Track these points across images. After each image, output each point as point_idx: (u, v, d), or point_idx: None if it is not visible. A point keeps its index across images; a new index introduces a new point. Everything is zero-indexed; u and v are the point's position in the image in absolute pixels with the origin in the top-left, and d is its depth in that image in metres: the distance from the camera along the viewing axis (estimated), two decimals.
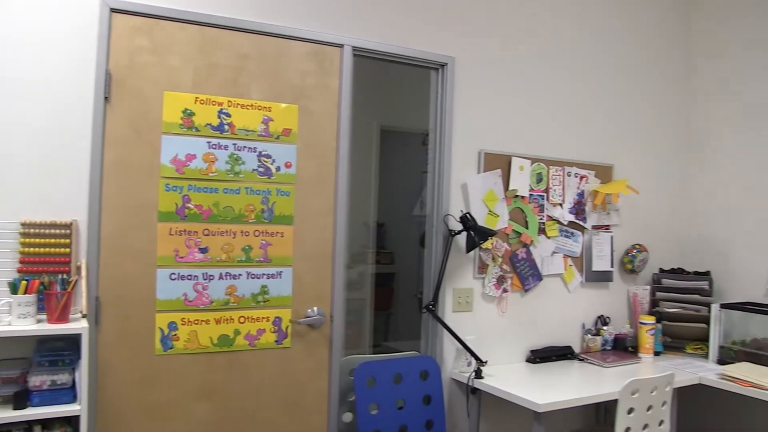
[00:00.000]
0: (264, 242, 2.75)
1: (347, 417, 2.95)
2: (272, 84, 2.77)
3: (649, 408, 2.85)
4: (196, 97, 2.62)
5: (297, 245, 2.81)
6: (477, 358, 3.11)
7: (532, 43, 3.51)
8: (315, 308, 2.85)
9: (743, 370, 3.26)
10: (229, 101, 2.68)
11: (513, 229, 3.39)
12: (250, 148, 2.73)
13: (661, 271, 3.97)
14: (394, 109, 4.45)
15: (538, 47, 3.53)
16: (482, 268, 3.29)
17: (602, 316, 3.72)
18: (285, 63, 2.80)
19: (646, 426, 2.85)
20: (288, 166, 2.80)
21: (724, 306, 3.60)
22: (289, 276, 2.80)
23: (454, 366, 3.20)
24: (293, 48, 2.82)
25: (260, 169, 2.75)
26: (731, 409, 3.74)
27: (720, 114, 4.00)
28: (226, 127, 2.68)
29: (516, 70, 3.44)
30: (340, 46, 2.92)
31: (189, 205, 2.60)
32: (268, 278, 2.76)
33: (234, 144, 2.69)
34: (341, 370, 2.92)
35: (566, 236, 3.58)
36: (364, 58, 3.00)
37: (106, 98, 2.44)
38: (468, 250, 3.11)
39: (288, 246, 2.79)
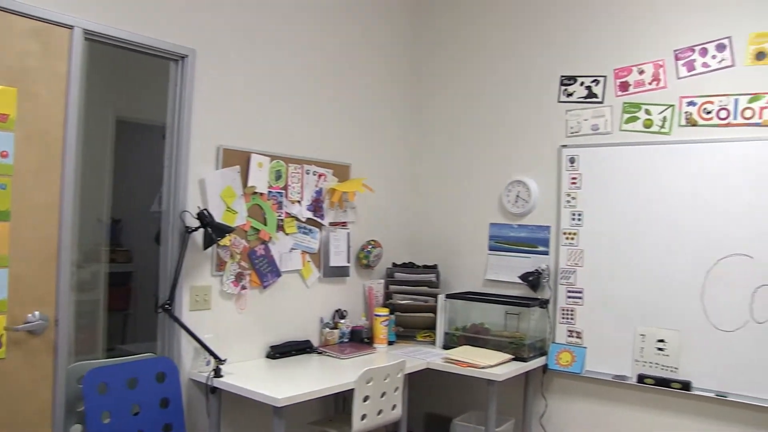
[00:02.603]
0: None
1: (76, 429, 3.00)
2: None
3: (383, 394, 3.39)
4: None
5: (15, 243, 2.80)
6: (216, 357, 3.38)
7: (275, 42, 3.90)
8: (36, 312, 2.87)
9: (463, 352, 4.03)
10: None
11: (251, 226, 3.73)
12: None
13: (394, 265, 4.68)
14: (133, 99, 4.54)
15: (281, 46, 3.94)
16: (220, 265, 3.59)
17: (340, 309, 4.28)
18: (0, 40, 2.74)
19: (380, 411, 3.39)
20: (4, 155, 2.78)
21: (449, 296, 4.39)
22: (4, 278, 2.77)
23: (192, 366, 3.44)
24: (12, 24, 2.75)
25: None
26: (455, 387, 4.57)
27: (441, 119, 4.90)
28: None
29: (258, 68, 3.80)
30: (70, 27, 2.94)
31: None
32: None
33: None
34: (69, 379, 2.96)
35: (304, 233, 4.08)
36: (97, 42, 3.07)
37: None
38: (205, 247, 3.40)
39: (3, 244, 2.77)
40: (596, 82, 4.12)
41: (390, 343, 4.28)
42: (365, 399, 3.28)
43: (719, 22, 3.72)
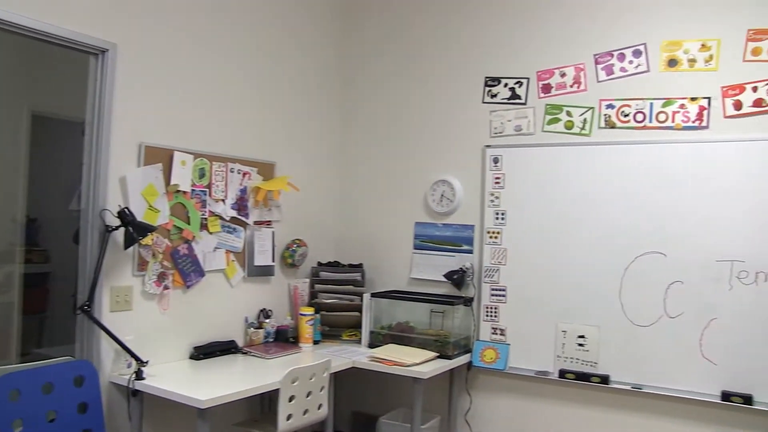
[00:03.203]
0: None
1: None
2: None
3: (308, 394, 3.45)
4: None
5: None
6: (137, 359, 3.37)
7: (201, 39, 3.91)
8: None
9: (388, 351, 4.14)
10: None
11: (174, 225, 3.73)
12: None
13: (319, 264, 4.76)
14: (51, 94, 4.44)
15: (206, 43, 3.95)
16: (142, 265, 3.58)
17: (264, 309, 4.32)
18: None
19: (306, 411, 3.44)
20: None
21: (374, 295, 4.49)
22: None
23: (113, 369, 3.41)
24: None
25: None
26: (381, 386, 4.68)
27: (368, 119, 5.00)
28: None
29: (182, 65, 3.79)
30: None
31: None
32: None
33: None
34: None
35: (228, 232, 4.11)
36: (8, 32, 2.99)
37: None
38: (126, 247, 3.38)
39: None
40: (519, 83, 4.30)
41: (315, 342, 4.34)
42: (291, 399, 3.33)
43: (636, 28, 3.95)
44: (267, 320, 4.23)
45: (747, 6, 3.67)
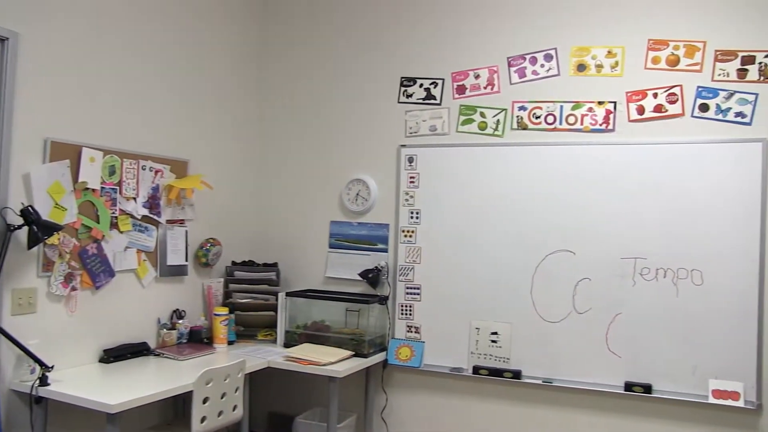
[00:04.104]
0: None
1: None
2: None
3: (223, 395, 3.39)
4: None
5: None
6: (41, 364, 3.19)
7: (110, 30, 3.75)
8: None
9: (304, 350, 4.11)
10: None
11: (83, 224, 3.57)
12: None
13: (234, 263, 4.68)
14: None
15: (117, 35, 3.79)
16: (47, 265, 3.41)
17: (178, 309, 4.21)
18: None
19: (221, 413, 3.38)
20: None
21: (289, 294, 4.45)
22: None
23: (14, 375, 3.23)
24: None
25: None
26: (297, 385, 4.64)
27: (284, 118, 4.94)
28: None
29: (92, 57, 3.63)
30: None
31: None
32: None
33: None
34: None
35: (140, 231, 3.98)
36: None
37: None
38: (30, 247, 3.21)
39: None
40: (435, 84, 4.34)
41: (230, 342, 4.27)
42: (205, 401, 3.26)
43: (547, 33, 4.07)
44: (180, 321, 4.12)
45: (648, 17, 3.86)
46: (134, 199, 3.89)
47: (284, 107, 4.87)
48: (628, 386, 3.78)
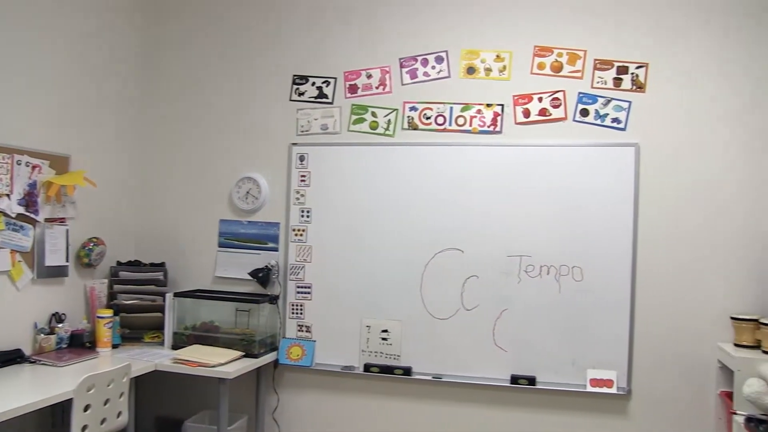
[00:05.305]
0: None
1: None
2: None
3: (106, 402, 3.25)
4: None
5: None
6: None
7: None
8: None
9: (192, 351, 3.99)
10: None
11: None
12: None
13: (119, 263, 4.47)
14: None
15: None
16: None
17: (57, 313, 3.98)
18: None
19: (104, 420, 3.24)
20: None
21: (177, 294, 4.31)
22: None
23: None
24: None
25: None
26: (186, 388, 4.50)
27: (173, 114, 4.76)
28: None
29: None
30: None
31: None
32: None
33: None
34: None
35: (14, 230, 3.72)
36: None
37: None
38: None
39: None
40: (327, 83, 4.30)
41: (115, 346, 4.09)
42: (86, 408, 3.11)
43: (438, 35, 4.13)
44: (60, 325, 3.91)
45: (534, 23, 4.01)
46: (8, 195, 3.66)
47: (174, 104, 4.69)
48: (514, 379, 3.90)
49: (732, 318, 3.54)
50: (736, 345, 3.48)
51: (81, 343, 4.01)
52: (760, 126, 3.70)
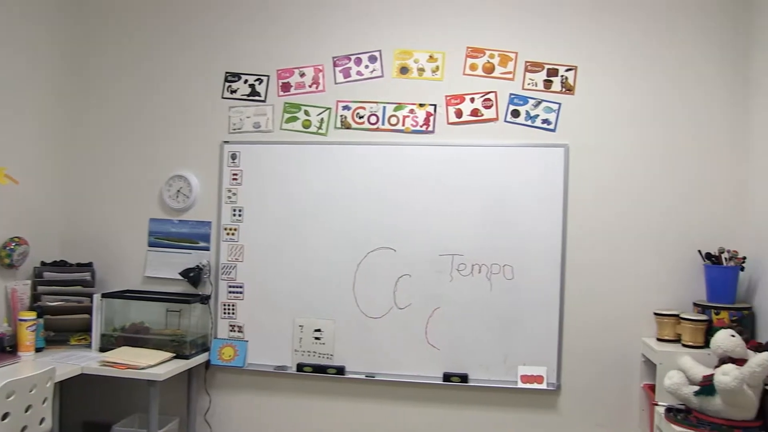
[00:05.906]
0: None
1: None
2: None
3: (28, 408, 3.13)
4: None
5: None
6: None
7: None
8: None
9: (121, 354, 3.89)
10: None
11: None
12: None
13: (43, 264, 4.32)
14: None
15: None
16: None
17: None
18: None
19: (25, 428, 3.12)
20: None
21: (105, 295, 4.19)
22: None
23: None
24: None
25: None
26: (115, 391, 4.39)
27: (99, 111, 4.61)
28: None
29: None
30: None
31: None
32: None
33: None
34: None
35: None
36: None
37: None
38: None
39: None
40: (260, 81, 4.25)
41: (38, 349, 3.95)
42: (5, 416, 2.98)
43: (372, 35, 4.13)
44: None
45: (467, 24, 4.04)
46: None
47: (101, 101, 4.56)
48: (447, 377, 3.94)
49: (655, 313, 3.63)
50: (659, 339, 3.58)
51: (1, 348, 3.87)
52: (680, 127, 3.79)
